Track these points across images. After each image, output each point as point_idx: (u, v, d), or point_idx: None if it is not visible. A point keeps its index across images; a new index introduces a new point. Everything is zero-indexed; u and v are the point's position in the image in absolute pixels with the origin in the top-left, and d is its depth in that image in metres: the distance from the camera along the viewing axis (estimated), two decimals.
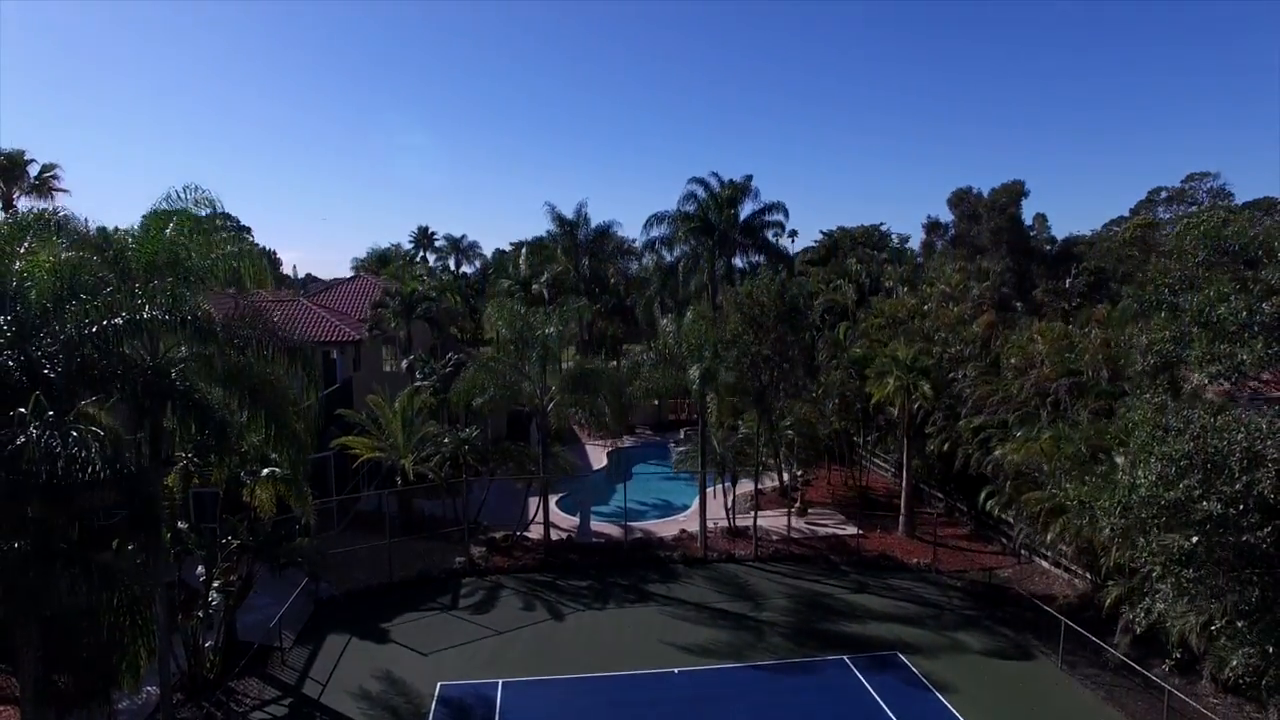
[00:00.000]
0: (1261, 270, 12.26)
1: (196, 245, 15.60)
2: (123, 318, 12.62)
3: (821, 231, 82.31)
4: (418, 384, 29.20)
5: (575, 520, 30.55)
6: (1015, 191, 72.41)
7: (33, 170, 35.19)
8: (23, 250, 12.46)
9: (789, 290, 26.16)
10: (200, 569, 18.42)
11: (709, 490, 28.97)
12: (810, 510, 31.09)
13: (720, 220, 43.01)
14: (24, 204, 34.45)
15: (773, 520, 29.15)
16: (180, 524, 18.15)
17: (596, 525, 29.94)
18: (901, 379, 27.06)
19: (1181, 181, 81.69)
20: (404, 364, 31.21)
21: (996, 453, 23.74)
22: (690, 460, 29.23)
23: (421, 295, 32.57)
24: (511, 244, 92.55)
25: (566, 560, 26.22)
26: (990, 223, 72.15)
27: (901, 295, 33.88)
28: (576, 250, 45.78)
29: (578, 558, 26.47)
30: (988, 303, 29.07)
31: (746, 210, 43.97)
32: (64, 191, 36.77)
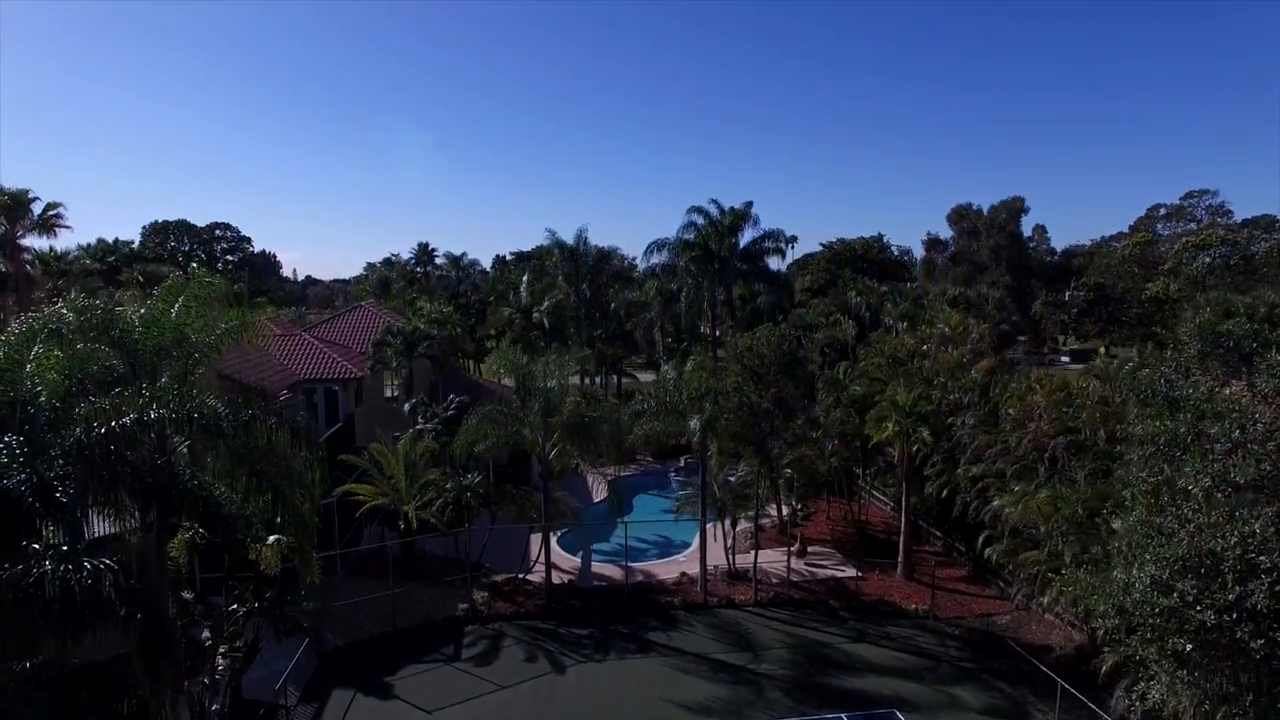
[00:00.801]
0: (1256, 375, 12.41)
1: (201, 323, 15.96)
2: (130, 418, 12.78)
3: (821, 243, 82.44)
4: (419, 428, 29.40)
5: (577, 561, 30.71)
6: (1015, 208, 72.75)
7: (36, 208, 35.43)
8: (32, 355, 12.61)
9: (788, 341, 26.29)
10: (206, 633, 18.59)
11: (709, 526, 29.19)
12: (810, 550, 31.28)
13: (721, 248, 43.28)
14: (29, 242, 34.68)
15: (772, 561, 29.31)
16: (185, 594, 18.31)
17: (598, 566, 30.11)
18: (901, 424, 27.24)
19: (1180, 198, 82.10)
20: (406, 407, 31.43)
21: (995, 503, 23.92)
22: (691, 504, 29.44)
23: (423, 334, 32.75)
24: (512, 253, 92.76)
25: (568, 606, 26.41)
26: (990, 240, 72.54)
27: (901, 332, 34.05)
28: (577, 277, 45.94)
29: (579, 604, 26.64)
30: (987, 345, 29.20)
31: (746, 237, 44.29)
32: (67, 228, 37.03)
